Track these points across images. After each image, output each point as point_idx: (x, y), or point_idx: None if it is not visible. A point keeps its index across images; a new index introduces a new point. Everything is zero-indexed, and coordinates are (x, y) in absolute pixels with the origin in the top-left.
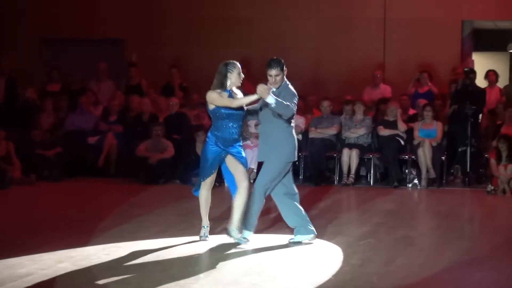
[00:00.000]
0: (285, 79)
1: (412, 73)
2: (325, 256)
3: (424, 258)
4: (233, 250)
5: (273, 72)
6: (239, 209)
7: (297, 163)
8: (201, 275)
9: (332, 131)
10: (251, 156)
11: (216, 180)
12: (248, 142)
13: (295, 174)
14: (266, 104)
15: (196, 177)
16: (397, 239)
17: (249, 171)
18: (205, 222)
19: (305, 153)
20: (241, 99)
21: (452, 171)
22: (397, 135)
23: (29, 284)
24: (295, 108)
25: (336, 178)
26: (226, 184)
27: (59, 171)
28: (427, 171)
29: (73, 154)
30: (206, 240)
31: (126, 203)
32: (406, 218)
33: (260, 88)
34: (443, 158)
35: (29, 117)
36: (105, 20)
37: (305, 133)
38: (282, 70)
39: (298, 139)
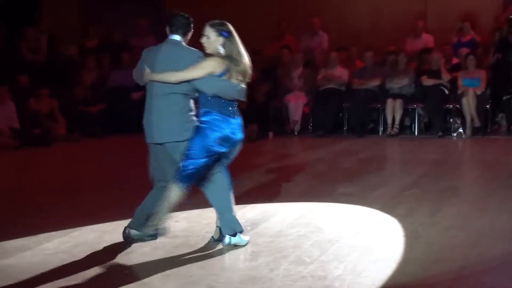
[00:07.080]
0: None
1: (454, 22)
2: (370, 206)
3: (469, 208)
4: (277, 203)
5: None
6: None
7: (340, 114)
8: (248, 227)
9: (375, 82)
10: (295, 107)
11: None
12: (292, 94)
13: (340, 126)
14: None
15: None
16: (442, 189)
17: (293, 122)
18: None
19: (349, 105)
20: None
21: (496, 119)
22: (441, 84)
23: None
24: None
25: (381, 128)
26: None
27: (103, 128)
28: (472, 120)
29: (116, 111)
30: None
31: None
32: (451, 168)
33: None
34: (488, 106)
35: (72, 74)
36: None
37: (348, 84)
38: None
39: (341, 90)
